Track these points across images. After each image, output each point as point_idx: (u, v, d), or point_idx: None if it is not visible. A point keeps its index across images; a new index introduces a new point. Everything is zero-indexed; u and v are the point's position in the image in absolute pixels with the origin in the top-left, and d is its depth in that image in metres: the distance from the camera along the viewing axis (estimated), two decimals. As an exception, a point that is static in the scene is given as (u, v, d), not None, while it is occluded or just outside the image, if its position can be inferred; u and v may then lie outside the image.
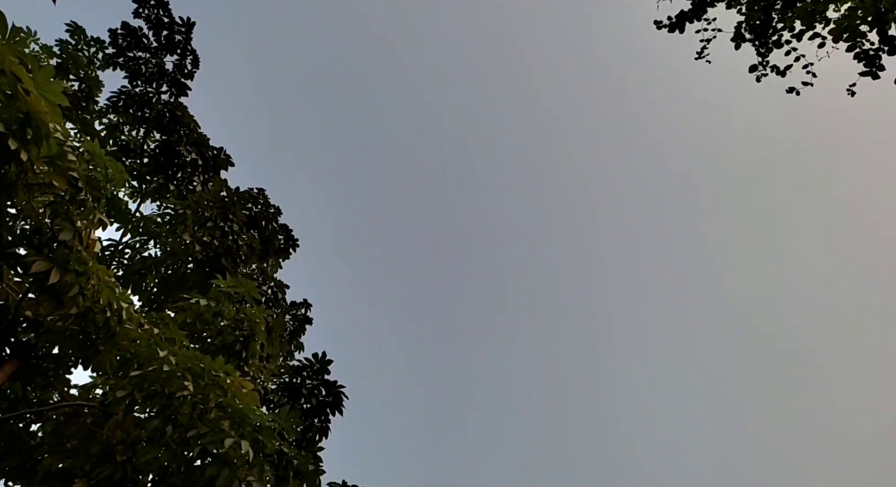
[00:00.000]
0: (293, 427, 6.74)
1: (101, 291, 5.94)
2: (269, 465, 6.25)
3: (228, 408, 6.30)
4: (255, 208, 11.86)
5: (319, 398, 9.52)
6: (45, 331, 6.09)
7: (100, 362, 6.26)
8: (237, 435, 5.94)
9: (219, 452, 5.75)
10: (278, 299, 11.64)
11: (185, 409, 6.10)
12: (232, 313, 8.94)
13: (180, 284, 9.89)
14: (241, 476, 5.79)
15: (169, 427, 5.83)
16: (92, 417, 6.25)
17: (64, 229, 5.79)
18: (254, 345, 9.17)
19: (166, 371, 6.06)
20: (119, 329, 6.21)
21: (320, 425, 9.23)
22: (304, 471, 6.76)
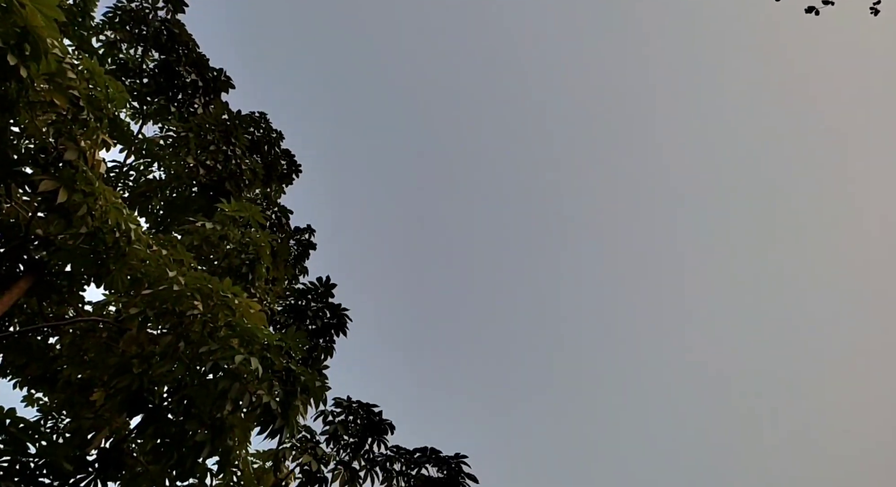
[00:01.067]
0: (299, 346, 6.96)
1: (109, 211, 6.01)
2: (278, 381, 6.50)
3: (237, 327, 6.50)
4: (256, 132, 11.74)
5: (324, 320, 9.79)
6: (57, 249, 6.20)
7: (111, 280, 6.42)
8: (246, 352, 6.15)
9: (229, 367, 5.98)
10: (282, 224, 11.73)
11: (196, 327, 6.29)
12: (237, 236, 9.04)
13: (185, 207, 9.94)
14: (251, 389, 6.04)
15: (181, 344, 6.04)
16: (107, 332, 6.48)
17: (69, 149, 5.79)
18: (259, 268, 9.33)
19: (176, 291, 6.21)
20: (128, 250, 6.33)
21: (325, 345, 9.54)
22: (311, 387, 7.02)
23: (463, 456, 7.81)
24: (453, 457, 7.84)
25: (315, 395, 7.17)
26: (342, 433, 8.11)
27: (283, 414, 6.46)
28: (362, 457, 8.18)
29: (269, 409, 6.24)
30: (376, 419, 8.27)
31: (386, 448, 8.23)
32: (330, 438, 8.17)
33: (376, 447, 8.23)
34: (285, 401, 6.52)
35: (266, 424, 6.39)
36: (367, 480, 8.21)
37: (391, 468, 8.17)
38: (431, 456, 7.90)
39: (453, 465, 7.73)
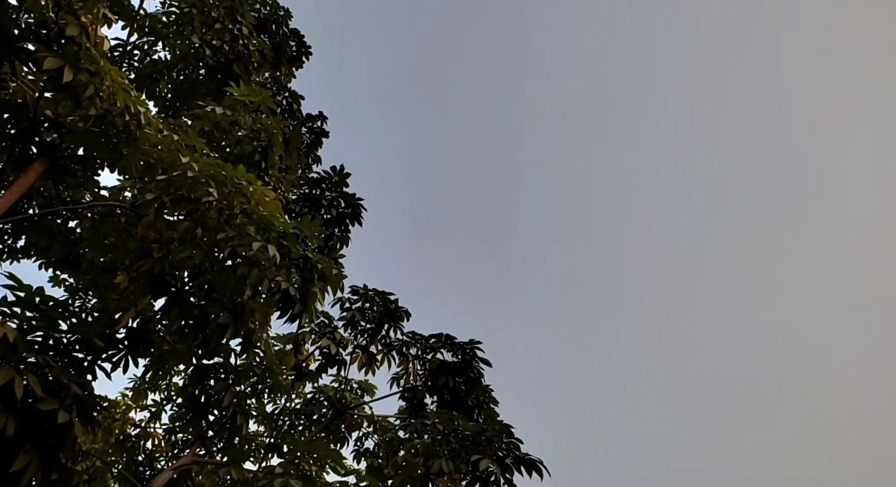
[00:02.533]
0: (315, 235, 6.96)
1: (117, 93, 5.81)
2: (295, 268, 6.56)
3: (253, 215, 6.47)
4: (263, 9, 11.13)
5: (339, 210, 9.77)
6: (68, 132, 6.07)
7: (125, 165, 6.33)
8: (263, 240, 6.15)
9: (247, 254, 6.02)
10: (293, 111, 11.42)
11: (213, 214, 6.27)
12: (248, 122, 8.82)
13: (193, 90, 9.64)
14: (269, 275, 6.11)
15: (199, 230, 6.05)
16: (125, 217, 6.50)
17: (70, 24, 5.49)
18: (272, 156, 9.18)
19: (191, 177, 6.13)
20: (139, 134, 6.19)
21: (340, 234, 9.59)
22: (328, 275, 7.10)
23: (477, 342, 8.06)
24: (468, 343, 8.09)
25: (332, 282, 7.26)
26: (359, 318, 8.33)
27: (301, 300, 6.56)
28: (379, 342, 8.46)
29: (287, 295, 6.34)
30: (392, 306, 8.46)
31: (402, 333, 8.50)
32: (347, 323, 8.41)
33: (392, 332, 8.49)
34: (303, 288, 6.60)
35: (285, 309, 6.52)
36: (384, 363, 8.55)
37: (407, 352, 8.48)
38: (446, 342, 8.17)
39: (468, 350, 8.00)
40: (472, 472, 6.08)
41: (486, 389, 7.92)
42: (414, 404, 8.22)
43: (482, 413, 7.63)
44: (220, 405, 7.10)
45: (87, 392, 4.18)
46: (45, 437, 3.82)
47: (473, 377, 7.83)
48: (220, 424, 7.39)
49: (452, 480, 6.42)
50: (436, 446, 6.47)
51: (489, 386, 7.99)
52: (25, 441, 3.68)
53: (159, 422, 9.65)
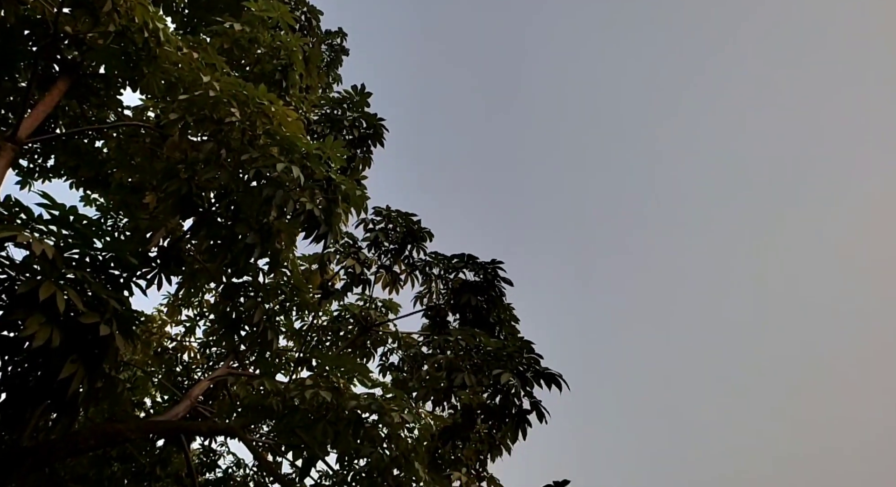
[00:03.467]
0: (338, 156, 6.95)
1: (134, 7, 5.70)
2: (319, 189, 6.60)
3: (276, 135, 6.46)
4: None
5: (361, 131, 9.68)
6: (88, 49, 6.03)
7: (146, 85, 6.31)
8: (287, 161, 6.17)
9: (271, 175, 6.06)
10: (312, 27, 11.11)
11: (236, 135, 6.28)
12: (267, 40, 8.63)
13: (211, 6, 9.40)
14: (294, 197, 6.16)
15: (223, 151, 6.08)
16: (150, 138, 6.55)
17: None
18: (293, 75, 9.04)
19: (213, 97, 6.10)
20: (159, 51, 6.12)
21: (363, 155, 9.55)
22: (352, 196, 7.13)
23: (499, 262, 8.14)
24: (490, 263, 8.18)
25: (355, 203, 7.31)
26: (382, 239, 8.44)
27: (325, 221, 6.64)
28: (402, 262, 8.60)
29: (312, 216, 6.41)
30: (415, 226, 8.52)
31: (425, 254, 8.60)
32: (371, 244, 8.53)
33: (415, 253, 8.60)
34: (327, 209, 6.66)
35: (310, 230, 6.61)
36: (407, 282, 8.72)
37: (430, 272, 8.61)
38: (469, 262, 8.26)
39: (489, 270, 8.09)
40: (494, 385, 6.32)
41: (507, 307, 8.07)
42: (437, 321, 8.44)
43: (503, 331, 7.82)
44: (250, 322, 7.39)
45: (126, 307, 4.36)
46: (89, 349, 4.03)
47: (495, 296, 7.96)
48: (251, 339, 7.72)
49: (474, 393, 6.69)
50: (458, 361, 6.69)
51: (510, 305, 8.13)
52: (70, 352, 3.89)
53: (194, 336, 10.12)
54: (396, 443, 5.98)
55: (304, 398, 5.95)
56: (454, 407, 7.30)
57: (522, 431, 6.30)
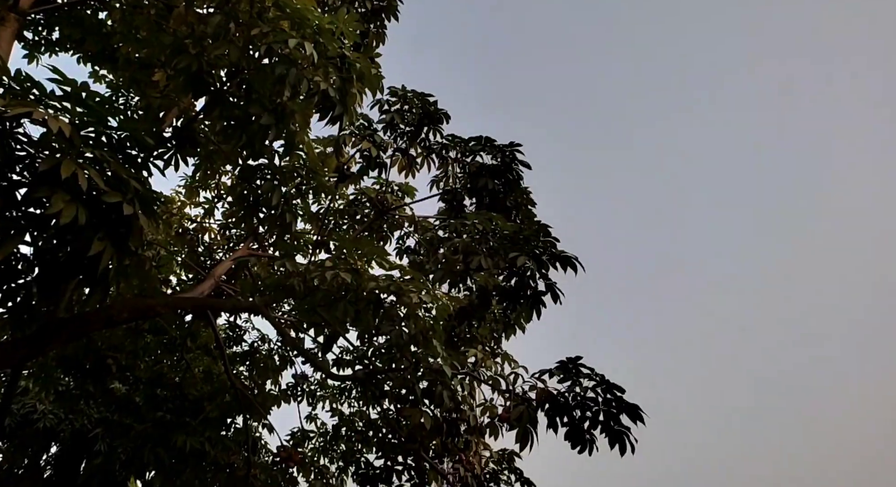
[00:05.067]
0: (351, 31, 6.63)
1: None
2: (333, 67, 6.36)
3: (286, 8, 6.13)
4: None
5: (373, 3, 9.16)
6: None
7: (146, -49, 5.92)
8: (298, 37, 5.90)
9: (283, 52, 5.82)
10: None
11: (244, 6, 5.96)
12: None
13: None
14: (307, 75, 5.96)
15: (231, 25, 5.81)
16: (154, 9, 6.24)
17: None
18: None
19: (216, -35, 5.74)
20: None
21: (376, 31, 9.12)
22: (366, 74, 6.89)
23: (517, 144, 7.97)
24: (507, 145, 8.01)
25: (370, 83, 7.08)
26: (398, 121, 8.25)
27: (340, 101, 6.47)
28: (419, 145, 8.47)
29: (327, 95, 6.24)
30: (431, 108, 8.29)
31: (441, 136, 8.44)
32: (387, 126, 8.36)
33: (432, 135, 8.43)
34: (342, 88, 6.46)
35: (325, 111, 6.46)
36: (423, 166, 8.64)
37: (447, 155, 8.50)
38: (486, 144, 8.10)
39: (507, 153, 7.96)
40: (509, 268, 6.44)
41: (524, 190, 8.01)
42: (453, 205, 8.45)
43: (520, 214, 7.83)
44: (268, 204, 7.43)
45: (146, 188, 4.37)
46: (114, 227, 4.09)
47: (512, 179, 7.88)
48: (270, 221, 7.81)
49: (490, 275, 6.84)
50: (475, 244, 6.78)
51: (527, 188, 8.07)
52: (97, 230, 3.95)
53: (213, 218, 10.27)
54: (415, 322, 6.19)
55: (325, 279, 6.10)
56: (470, 289, 7.50)
57: (537, 311, 6.50)
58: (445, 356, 6.18)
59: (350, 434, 9.57)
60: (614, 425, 5.37)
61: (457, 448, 6.93)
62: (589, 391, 5.62)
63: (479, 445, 7.19)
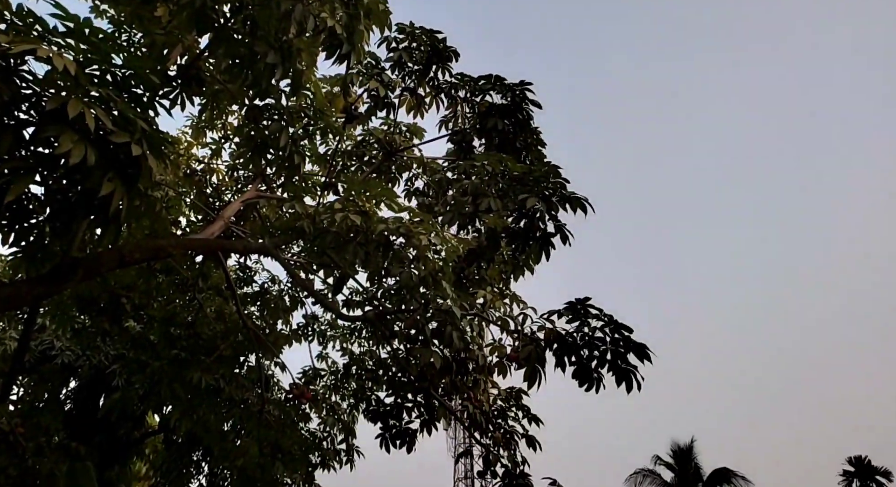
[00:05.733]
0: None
1: None
2: (340, 3, 6.18)
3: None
4: None
5: (380, -65, 8.78)
6: None
7: None
8: (303, -30, 5.71)
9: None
10: None
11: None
12: None
13: None
14: (314, 11, 5.81)
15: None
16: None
17: None
18: None
19: None
20: None
21: (383, -36, 8.77)
22: (374, 10, 6.71)
23: (528, 83, 7.77)
24: (518, 84, 7.80)
25: (378, 19, 6.89)
26: (406, 60, 8.04)
27: (348, 39, 6.31)
28: (427, 84, 8.28)
29: (333, 33, 6.09)
30: (440, 45, 8.06)
31: (450, 75, 8.24)
32: (394, 65, 8.16)
33: (440, 74, 8.23)
34: (349, 25, 6.29)
35: (332, 49, 6.32)
36: (432, 106, 8.49)
37: (456, 94, 8.32)
38: (496, 83, 7.89)
39: (518, 92, 7.77)
40: (519, 209, 6.41)
41: (534, 131, 7.85)
42: (462, 146, 8.34)
43: (530, 155, 7.71)
44: (276, 145, 7.37)
45: (153, 128, 4.32)
46: (123, 168, 4.07)
47: (522, 119, 7.73)
48: (278, 163, 7.76)
49: (499, 217, 6.82)
50: (484, 186, 6.72)
51: (537, 128, 7.90)
52: (107, 170, 3.93)
53: (220, 159, 10.22)
54: (424, 264, 6.22)
55: (334, 221, 6.11)
56: (479, 231, 7.51)
57: (546, 253, 6.51)
58: (454, 297, 6.25)
59: (360, 373, 9.81)
60: (621, 363, 5.47)
61: (465, 387, 7.10)
62: (597, 331, 5.70)
63: (487, 383, 7.36)
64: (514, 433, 7.36)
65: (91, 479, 4.21)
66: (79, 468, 4.35)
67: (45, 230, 4.39)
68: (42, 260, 4.73)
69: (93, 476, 4.25)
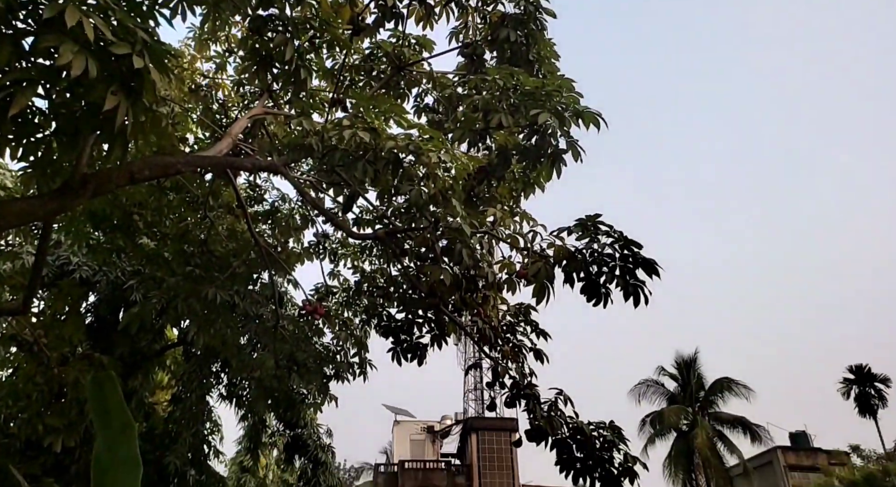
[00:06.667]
0: None
1: None
2: None
3: None
4: None
5: None
6: None
7: None
8: None
9: None
10: None
11: None
12: None
13: None
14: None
15: None
16: None
17: None
18: None
19: None
20: None
21: None
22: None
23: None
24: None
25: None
26: (415, -35, 7.64)
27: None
28: (437, -8, 7.90)
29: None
30: (450, -50, 7.64)
31: (461, -18, 7.84)
32: (402, -29, 7.76)
33: (451, -19, 7.84)
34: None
35: (336, -47, 5.98)
36: (442, 16, 8.12)
37: (466, 3, 7.96)
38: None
39: (531, 0, 7.40)
40: (530, 125, 6.27)
41: (548, 43, 7.53)
42: (473, 60, 8.07)
43: (542, 68, 7.44)
44: (281, 58, 7.15)
45: (155, 39, 4.19)
46: (126, 82, 3.99)
47: (535, 30, 7.41)
48: (284, 78, 7.56)
49: (510, 133, 6.69)
50: (495, 101, 6.55)
51: (551, 40, 7.58)
52: (110, 84, 3.85)
53: (226, 74, 9.97)
54: (434, 182, 6.17)
55: (343, 138, 6.01)
56: (489, 148, 7.40)
57: (557, 170, 6.43)
58: (464, 215, 6.24)
59: (372, 290, 9.98)
60: (630, 279, 5.52)
61: (475, 303, 7.23)
62: (607, 247, 5.71)
63: (496, 299, 7.48)
64: (523, 346, 7.56)
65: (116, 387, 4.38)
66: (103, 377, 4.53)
67: (53, 146, 4.37)
68: (52, 176, 4.74)
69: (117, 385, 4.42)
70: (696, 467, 38.11)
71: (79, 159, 4.37)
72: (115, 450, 4.28)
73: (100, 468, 4.20)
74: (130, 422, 4.45)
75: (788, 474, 39.02)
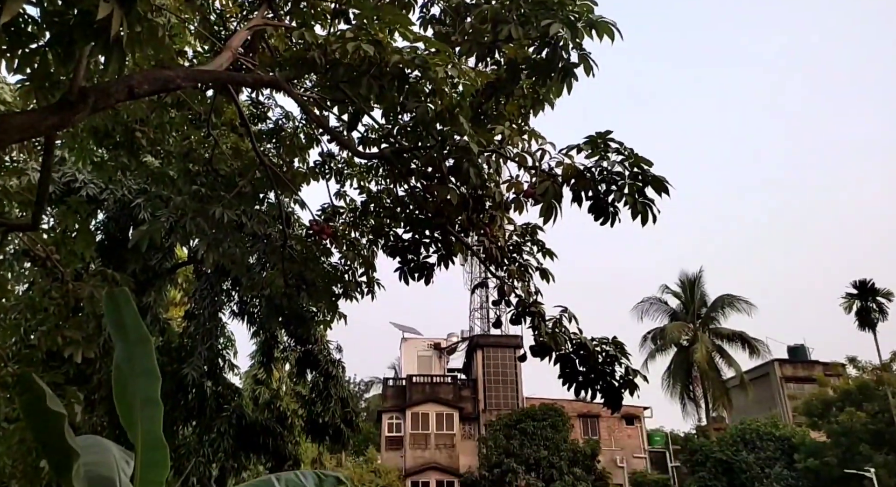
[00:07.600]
0: None
1: None
2: None
3: None
4: None
5: None
6: None
7: None
8: None
9: None
10: None
11: None
12: None
13: None
14: None
15: None
16: None
17: None
18: None
19: None
20: None
21: None
22: None
23: None
24: None
25: None
26: None
27: None
28: None
29: None
30: None
31: None
32: None
33: None
34: None
35: None
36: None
37: None
38: None
39: None
40: (541, 38, 6.01)
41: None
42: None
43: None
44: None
45: (145, -60, 3.97)
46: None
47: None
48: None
49: (520, 46, 6.43)
50: (504, 11, 6.27)
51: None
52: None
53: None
54: (440, 98, 6.01)
55: (346, 51, 5.80)
56: (498, 63, 7.14)
57: (568, 85, 6.24)
58: (472, 133, 6.12)
59: (378, 210, 9.96)
60: (639, 197, 5.46)
61: (482, 223, 7.23)
62: (616, 165, 5.62)
63: (503, 219, 7.46)
64: (529, 266, 7.61)
65: (130, 303, 4.47)
66: (118, 292, 4.60)
67: (49, 58, 4.25)
68: (51, 90, 4.63)
69: (131, 300, 4.51)
70: (693, 379, 39.43)
71: (76, 72, 4.26)
72: (134, 362, 4.43)
73: (120, 378, 4.37)
74: (146, 336, 4.57)
75: (784, 385, 40.37)
